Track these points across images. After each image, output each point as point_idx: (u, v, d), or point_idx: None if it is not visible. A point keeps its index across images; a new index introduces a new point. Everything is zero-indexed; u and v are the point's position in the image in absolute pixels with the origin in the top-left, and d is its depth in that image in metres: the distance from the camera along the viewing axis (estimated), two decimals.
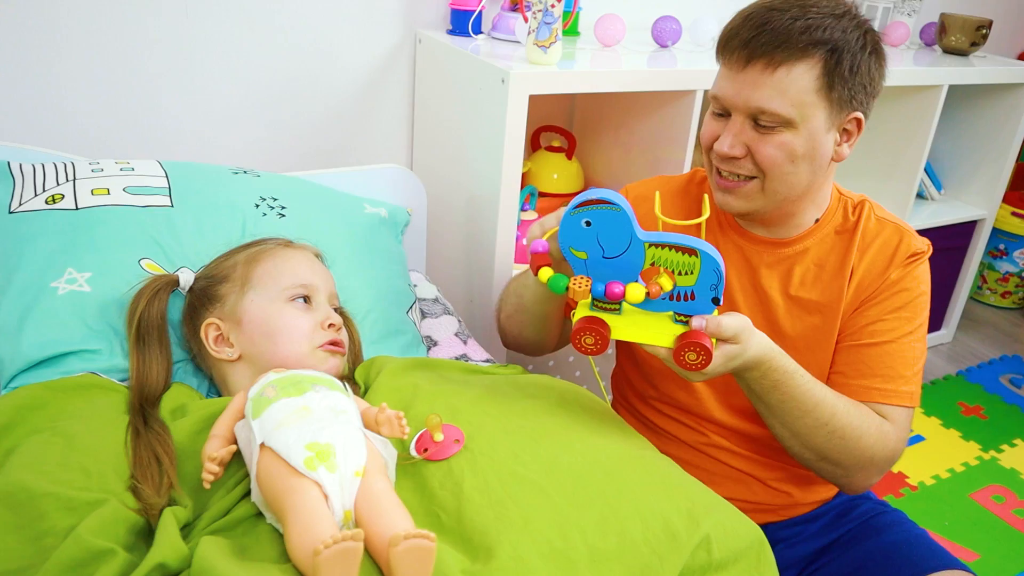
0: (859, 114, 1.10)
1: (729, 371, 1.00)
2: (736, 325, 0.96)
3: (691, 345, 0.92)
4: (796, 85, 1.04)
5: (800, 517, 1.29)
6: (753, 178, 1.11)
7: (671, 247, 0.90)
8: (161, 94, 1.65)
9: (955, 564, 1.15)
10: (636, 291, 0.91)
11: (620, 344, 1.42)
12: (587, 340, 0.95)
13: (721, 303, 0.93)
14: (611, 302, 0.94)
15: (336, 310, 1.16)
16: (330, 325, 1.10)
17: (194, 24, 1.63)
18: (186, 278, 1.14)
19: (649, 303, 0.94)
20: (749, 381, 1.06)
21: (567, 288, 0.94)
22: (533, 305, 1.22)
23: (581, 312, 0.96)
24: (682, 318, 0.95)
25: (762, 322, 1.21)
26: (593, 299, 0.95)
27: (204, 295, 1.12)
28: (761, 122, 1.07)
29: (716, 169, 1.14)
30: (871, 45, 1.07)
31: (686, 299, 0.93)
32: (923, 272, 1.18)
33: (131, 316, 1.09)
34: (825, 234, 1.20)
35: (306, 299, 1.11)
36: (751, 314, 1.19)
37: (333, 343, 1.08)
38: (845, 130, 1.11)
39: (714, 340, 0.95)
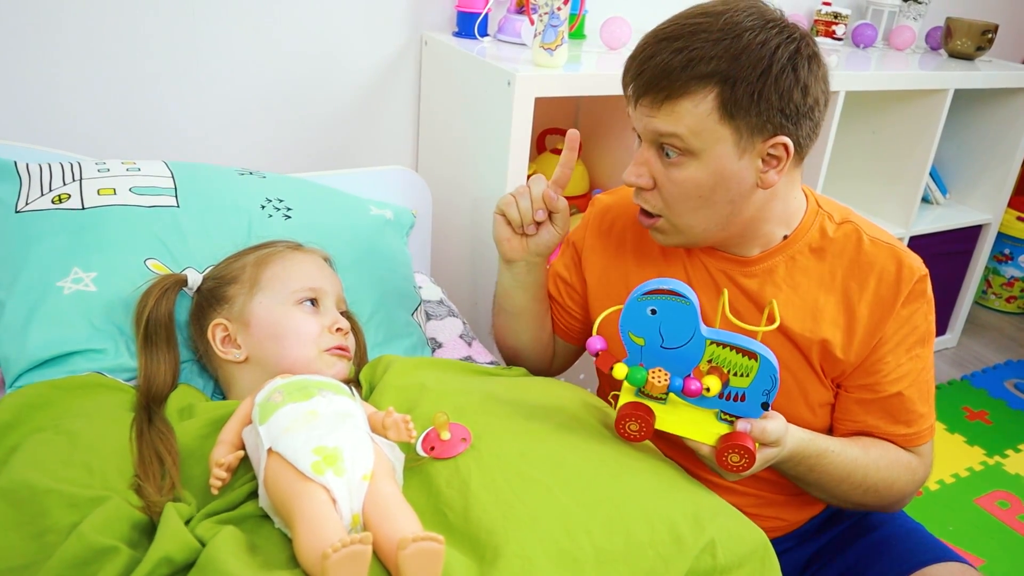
0: (783, 138, 0.98)
1: (764, 468, 0.99)
2: (779, 430, 0.95)
3: (737, 448, 0.91)
4: (689, 117, 0.96)
5: (790, 533, 1.28)
6: (659, 216, 1.05)
7: (732, 348, 0.89)
8: (168, 95, 1.65)
9: (951, 556, 1.14)
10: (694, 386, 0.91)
11: (600, 374, 1.36)
12: (632, 426, 0.94)
13: (770, 409, 0.92)
14: (662, 393, 0.94)
15: (343, 314, 1.16)
16: (337, 329, 1.10)
17: (200, 26, 1.63)
18: (194, 278, 1.14)
19: (698, 399, 0.93)
20: (784, 470, 1.06)
21: (646, 382, 0.93)
22: (506, 301, 1.24)
23: (626, 397, 0.95)
24: (727, 417, 0.94)
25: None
26: (639, 387, 0.94)
27: (212, 296, 1.12)
28: (665, 149, 0.99)
29: (639, 206, 1.08)
30: (782, 63, 0.95)
31: (736, 400, 0.92)
32: (930, 297, 1.12)
33: (139, 315, 1.09)
34: (797, 251, 1.11)
35: (314, 302, 1.11)
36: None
37: (340, 347, 1.09)
38: (771, 155, 1.00)
39: (757, 443, 0.94)
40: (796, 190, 1.11)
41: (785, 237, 1.11)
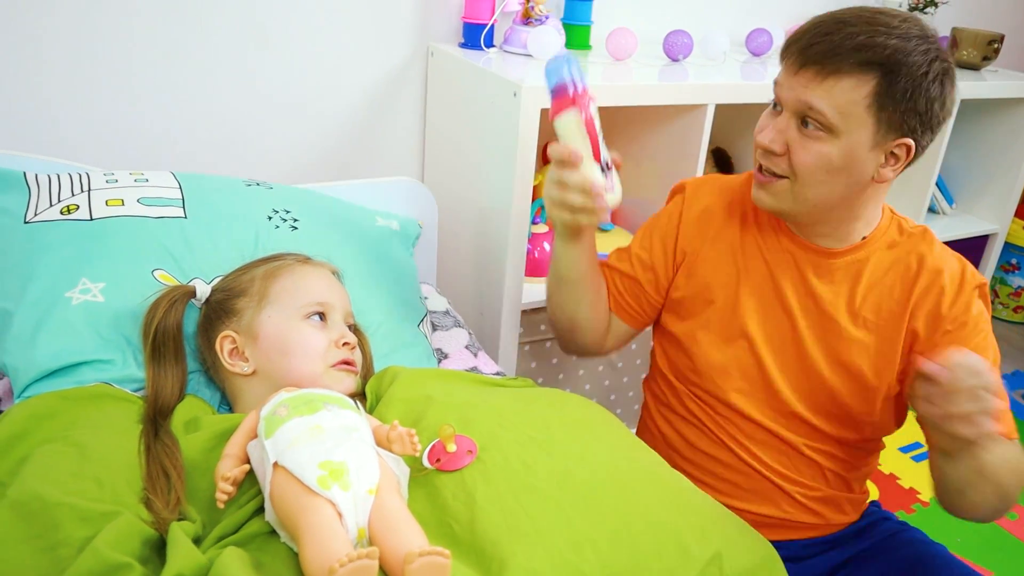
0: (909, 140, 1.08)
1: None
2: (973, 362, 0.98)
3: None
4: (846, 96, 1.04)
5: (823, 537, 1.29)
6: (784, 177, 1.12)
7: None
8: (175, 106, 1.66)
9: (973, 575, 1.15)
10: None
11: (662, 338, 1.38)
12: None
13: None
14: None
15: (351, 328, 1.17)
16: (344, 343, 1.10)
17: (208, 37, 1.64)
18: (202, 289, 1.15)
19: None
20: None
21: None
22: (571, 271, 1.26)
23: None
24: None
25: (817, 332, 1.21)
26: None
27: (221, 308, 1.12)
28: (807, 121, 1.07)
29: (757, 164, 1.16)
30: (937, 73, 1.05)
31: None
32: (985, 308, 1.20)
33: (147, 326, 1.10)
34: (876, 248, 1.19)
35: (322, 316, 1.11)
36: (804, 323, 1.21)
37: (347, 362, 1.09)
38: (892, 153, 1.09)
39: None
40: (885, 196, 1.19)
41: (864, 238, 1.19)
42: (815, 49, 1.05)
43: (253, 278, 1.13)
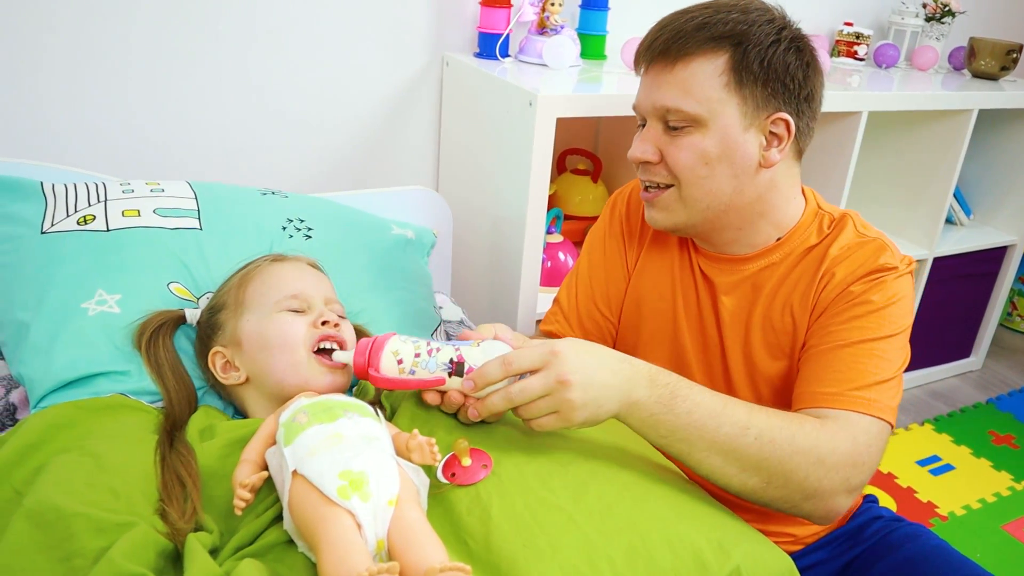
0: (784, 115, 1.04)
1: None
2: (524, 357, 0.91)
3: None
4: (698, 80, 1.02)
5: (806, 548, 1.25)
6: (670, 186, 1.09)
7: None
8: (191, 115, 1.67)
9: (979, 573, 1.12)
10: None
11: None
12: None
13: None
14: None
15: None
16: (324, 323, 1.07)
17: (224, 47, 1.65)
18: (192, 314, 1.15)
19: None
20: (640, 419, 0.96)
21: None
22: None
23: None
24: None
25: (738, 350, 1.16)
26: None
27: (208, 326, 1.12)
28: (670, 123, 1.05)
29: (644, 185, 1.13)
30: (788, 42, 1.04)
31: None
32: (892, 286, 1.06)
33: (137, 347, 1.11)
34: (791, 250, 1.13)
35: (300, 310, 1.09)
36: (716, 338, 1.18)
37: (329, 338, 1.06)
38: (772, 133, 1.05)
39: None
40: (796, 189, 1.14)
41: (778, 240, 1.14)
42: (659, 41, 1.05)
43: (229, 289, 1.13)
